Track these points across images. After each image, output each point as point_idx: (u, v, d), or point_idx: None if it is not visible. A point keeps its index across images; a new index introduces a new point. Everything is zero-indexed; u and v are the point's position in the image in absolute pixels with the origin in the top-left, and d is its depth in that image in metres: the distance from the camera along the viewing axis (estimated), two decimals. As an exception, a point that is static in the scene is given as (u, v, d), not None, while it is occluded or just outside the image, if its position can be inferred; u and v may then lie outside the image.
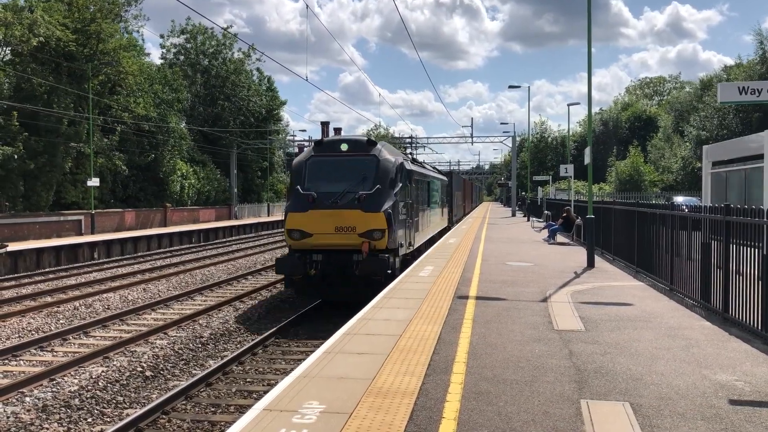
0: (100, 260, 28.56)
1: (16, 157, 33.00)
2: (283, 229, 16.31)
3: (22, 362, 11.31)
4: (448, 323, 8.93)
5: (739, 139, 24.59)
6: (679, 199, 34.81)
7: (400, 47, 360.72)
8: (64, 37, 36.90)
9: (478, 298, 11.10)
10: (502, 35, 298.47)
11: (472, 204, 69.50)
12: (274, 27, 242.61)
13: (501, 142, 72.53)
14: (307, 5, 17.30)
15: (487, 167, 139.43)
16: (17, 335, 13.35)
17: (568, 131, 47.15)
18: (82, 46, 39.05)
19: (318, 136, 77.09)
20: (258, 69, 66.34)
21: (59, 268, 25.19)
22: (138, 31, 52.19)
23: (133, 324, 14.35)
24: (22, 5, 37.30)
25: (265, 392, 7.52)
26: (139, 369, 10.63)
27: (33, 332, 13.62)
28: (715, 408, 5.52)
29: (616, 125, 79.59)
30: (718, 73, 59.24)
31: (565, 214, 25.14)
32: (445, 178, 31.97)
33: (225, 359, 10.82)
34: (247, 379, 10.14)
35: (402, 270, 15.55)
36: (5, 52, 37.19)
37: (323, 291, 15.16)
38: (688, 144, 53.99)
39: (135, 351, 11.81)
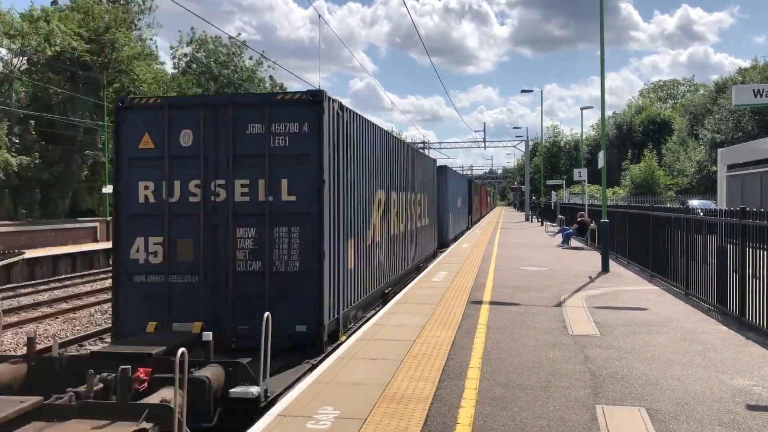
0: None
1: (32, 166, 33.37)
2: None
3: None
4: (462, 328, 8.91)
5: (755, 142, 24.41)
6: (694, 203, 34.56)
7: (409, 53, 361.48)
8: (79, 47, 37.37)
9: (492, 303, 11.07)
10: (512, 40, 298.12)
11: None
12: (285, 34, 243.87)
13: (514, 146, 72.52)
14: (320, 15, 17.35)
15: (500, 172, 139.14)
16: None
17: (582, 135, 46.95)
18: (96, 55, 39.52)
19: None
20: (270, 77, 66.58)
21: (75, 274, 25.40)
22: (151, 39, 52.79)
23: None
24: (39, 15, 37.82)
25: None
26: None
27: (49, 339, 13.74)
28: (733, 413, 5.47)
29: (629, 129, 79.16)
30: (732, 75, 58.82)
31: (580, 219, 25.03)
32: None
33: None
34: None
35: None
36: (22, 62, 37.71)
37: None
38: (703, 147, 53.61)
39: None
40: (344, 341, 8.74)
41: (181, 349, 4.88)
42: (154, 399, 5.50)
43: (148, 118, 8.82)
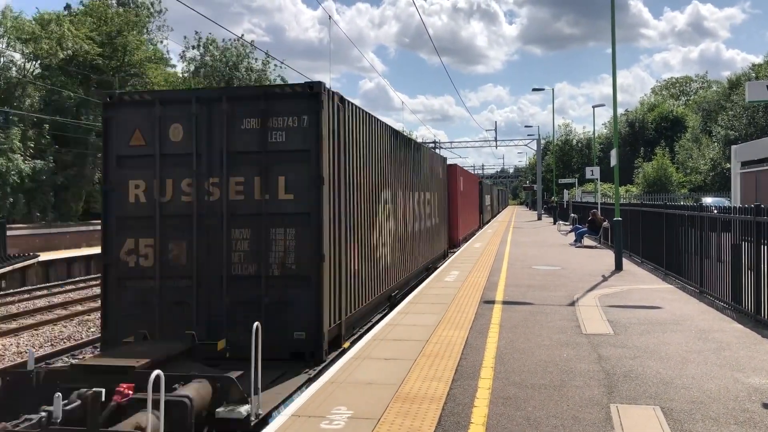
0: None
1: (46, 169, 33.64)
2: None
3: (55, 370, 11.51)
4: (475, 328, 8.90)
5: (769, 138, 24.19)
6: (708, 201, 34.31)
7: (418, 52, 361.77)
8: (91, 50, 37.65)
9: (504, 302, 11.05)
10: (521, 38, 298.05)
11: None
12: (294, 35, 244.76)
13: (525, 145, 72.26)
14: (329, 16, 17.36)
15: (511, 171, 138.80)
16: (50, 343, 13.59)
17: (594, 133, 46.78)
18: (108, 58, 39.80)
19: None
20: (280, 77, 66.61)
21: (89, 276, 25.59)
22: (162, 42, 52.98)
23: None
24: (50, 18, 38.15)
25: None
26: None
27: (65, 340, 13.85)
28: (749, 412, 5.43)
29: (642, 126, 78.69)
30: (746, 71, 58.36)
31: (591, 217, 24.92)
32: None
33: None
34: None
35: None
36: (35, 66, 38.04)
37: None
38: (716, 144, 53.22)
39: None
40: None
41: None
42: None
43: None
